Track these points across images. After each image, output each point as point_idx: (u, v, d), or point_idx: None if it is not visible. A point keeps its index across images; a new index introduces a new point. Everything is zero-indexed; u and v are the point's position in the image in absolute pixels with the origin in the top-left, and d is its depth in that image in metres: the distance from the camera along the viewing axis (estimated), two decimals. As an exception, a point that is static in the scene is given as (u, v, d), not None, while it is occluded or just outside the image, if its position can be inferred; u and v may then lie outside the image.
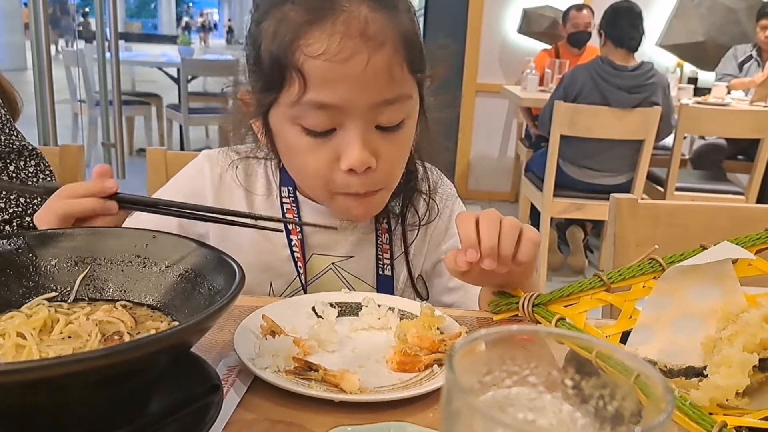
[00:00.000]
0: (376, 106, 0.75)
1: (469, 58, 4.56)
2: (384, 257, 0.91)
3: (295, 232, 0.90)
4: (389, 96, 0.75)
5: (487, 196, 4.73)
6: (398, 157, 0.81)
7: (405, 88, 0.77)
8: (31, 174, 1.03)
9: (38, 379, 0.41)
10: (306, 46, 0.72)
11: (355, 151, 0.75)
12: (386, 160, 0.78)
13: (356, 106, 0.74)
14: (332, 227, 0.85)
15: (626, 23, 2.92)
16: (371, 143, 0.76)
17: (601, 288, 0.74)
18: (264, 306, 0.78)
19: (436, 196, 0.96)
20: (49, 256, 0.65)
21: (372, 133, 0.76)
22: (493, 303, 0.80)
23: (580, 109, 2.86)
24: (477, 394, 0.36)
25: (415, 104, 0.81)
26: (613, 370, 0.34)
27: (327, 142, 0.77)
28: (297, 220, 0.89)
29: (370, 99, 0.74)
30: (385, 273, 0.91)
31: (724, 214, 1.17)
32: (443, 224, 0.96)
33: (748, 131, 3.11)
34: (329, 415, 0.59)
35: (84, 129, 4.70)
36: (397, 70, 0.74)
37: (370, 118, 0.75)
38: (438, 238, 0.96)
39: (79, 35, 5.17)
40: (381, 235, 0.91)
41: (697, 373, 0.60)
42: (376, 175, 0.78)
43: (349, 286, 0.92)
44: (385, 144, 0.77)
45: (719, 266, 0.68)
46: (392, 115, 0.76)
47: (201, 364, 0.60)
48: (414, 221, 0.94)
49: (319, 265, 0.91)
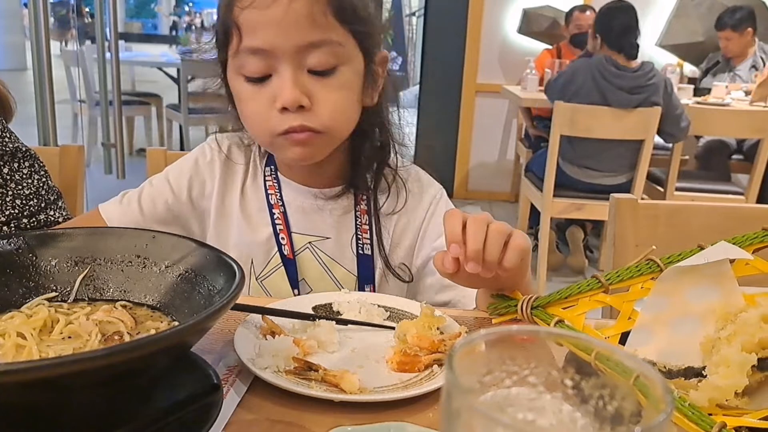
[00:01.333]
0: (303, 49, 0.81)
1: (469, 58, 4.56)
2: (363, 237, 0.95)
3: (277, 206, 0.95)
4: (312, 39, 0.80)
5: (487, 196, 4.73)
6: (334, 102, 0.84)
7: (330, 34, 0.82)
8: (26, 176, 1.02)
9: (38, 379, 0.41)
10: (240, 0, 0.81)
11: (286, 90, 0.81)
12: (321, 103, 0.83)
13: (283, 49, 0.80)
14: None
15: (622, 29, 2.89)
16: (303, 85, 0.82)
17: (600, 289, 0.74)
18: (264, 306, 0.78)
19: (408, 183, 0.99)
20: (49, 256, 0.65)
21: (304, 76, 0.82)
22: (492, 306, 0.80)
23: (580, 109, 2.86)
24: (477, 394, 0.36)
25: (348, 54, 0.85)
26: (613, 371, 0.35)
27: (264, 87, 0.83)
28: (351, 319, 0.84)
29: (294, 41, 0.80)
30: (365, 252, 0.95)
31: (724, 214, 1.17)
32: (427, 222, 0.98)
33: (748, 131, 3.11)
34: (329, 415, 0.59)
35: (84, 129, 4.69)
36: (320, 16, 0.80)
37: (299, 61, 0.81)
38: (423, 233, 0.98)
39: (85, 35, 5.16)
40: (360, 216, 0.96)
41: (696, 374, 0.60)
42: (311, 115, 0.83)
43: (324, 267, 0.95)
44: (317, 87, 0.83)
45: (717, 266, 0.68)
46: (321, 58, 0.82)
47: (201, 364, 0.60)
48: (389, 209, 0.97)
49: (296, 243, 0.95)
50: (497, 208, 4.53)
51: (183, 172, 0.98)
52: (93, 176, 3.42)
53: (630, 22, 2.94)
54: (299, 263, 0.95)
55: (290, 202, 0.96)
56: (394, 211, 0.97)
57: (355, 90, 0.87)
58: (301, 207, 0.96)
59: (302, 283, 0.95)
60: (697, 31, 4.55)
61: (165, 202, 0.96)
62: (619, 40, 2.90)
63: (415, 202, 0.99)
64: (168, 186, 0.97)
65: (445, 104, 4.69)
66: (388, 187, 0.97)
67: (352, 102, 0.87)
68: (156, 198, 0.96)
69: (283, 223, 0.95)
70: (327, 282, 0.95)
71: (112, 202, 0.97)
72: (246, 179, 0.98)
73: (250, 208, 0.97)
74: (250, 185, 0.98)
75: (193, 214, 0.98)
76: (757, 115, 3.07)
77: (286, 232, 0.95)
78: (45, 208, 1.02)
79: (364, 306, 0.80)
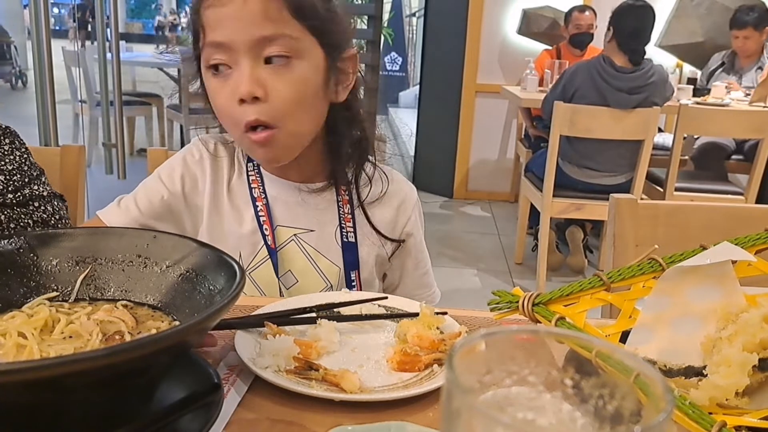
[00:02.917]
0: (258, 43, 0.84)
1: (469, 58, 4.56)
2: (347, 226, 0.99)
3: (260, 199, 0.98)
4: (266, 33, 0.84)
5: (486, 196, 4.73)
6: (288, 93, 0.86)
7: (285, 29, 0.85)
8: (7, 152, 1.02)
9: (39, 378, 0.41)
10: (205, 0, 0.87)
11: (241, 82, 0.85)
12: (275, 94, 0.86)
13: (240, 43, 0.84)
14: None
15: (632, 30, 2.86)
16: (259, 77, 0.85)
17: (601, 288, 0.74)
18: (264, 306, 0.78)
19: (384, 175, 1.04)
20: (50, 256, 0.65)
21: (261, 69, 0.86)
22: (493, 302, 0.80)
23: (580, 110, 2.86)
24: (477, 393, 0.36)
25: (304, 48, 0.87)
26: (613, 370, 0.35)
27: (227, 80, 0.87)
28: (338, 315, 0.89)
29: (249, 35, 0.84)
30: (349, 239, 0.99)
31: (724, 214, 1.17)
32: (403, 222, 1.03)
33: (748, 131, 3.11)
34: (329, 415, 0.59)
35: (85, 129, 4.70)
36: (274, 12, 0.85)
37: (257, 54, 0.85)
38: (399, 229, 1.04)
39: (87, 36, 5.18)
40: (342, 205, 1.00)
41: (697, 373, 0.61)
42: (266, 107, 0.86)
43: (309, 259, 0.98)
44: (273, 78, 0.86)
45: (719, 266, 0.68)
46: (275, 51, 0.85)
47: (201, 363, 0.60)
48: (372, 199, 1.01)
49: (281, 236, 0.98)
50: (497, 208, 4.53)
51: (174, 169, 1.01)
52: (94, 176, 3.42)
53: (642, 25, 2.89)
54: (285, 255, 0.98)
55: (274, 195, 0.99)
56: (375, 201, 1.02)
57: (312, 84, 0.89)
58: (284, 200, 0.99)
59: (288, 275, 0.98)
60: (697, 32, 4.54)
61: (161, 198, 0.98)
62: (627, 41, 2.87)
63: (392, 192, 1.04)
64: (161, 183, 1.00)
65: (445, 104, 4.69)
66: (369, 180, 1.01)
67: (309, 95, 0.89)
68: (152, 196, 0.99)
69: (266, 215, 0.98)
70: (312, 273, 0.98)
71: (110, 208, 1.00)
72: (232, 175, 1.01)
73: (237, 202, 1.00)
74: (236, 180, 1.01)
75: (186, 210, 1.00)
76: (756, 115, 3.06)
77: (269, 223, 0.97)
78: (29, 183, 1.02)
79: (364, 306, 0.80)
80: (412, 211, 1.05)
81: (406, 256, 1.05)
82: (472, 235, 4.03)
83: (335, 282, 0.98)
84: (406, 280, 1.07)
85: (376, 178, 1.03)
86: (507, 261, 3.60)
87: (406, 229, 1.04)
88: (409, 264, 1.06)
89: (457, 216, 4.46)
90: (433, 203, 4.57)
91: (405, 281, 1.07)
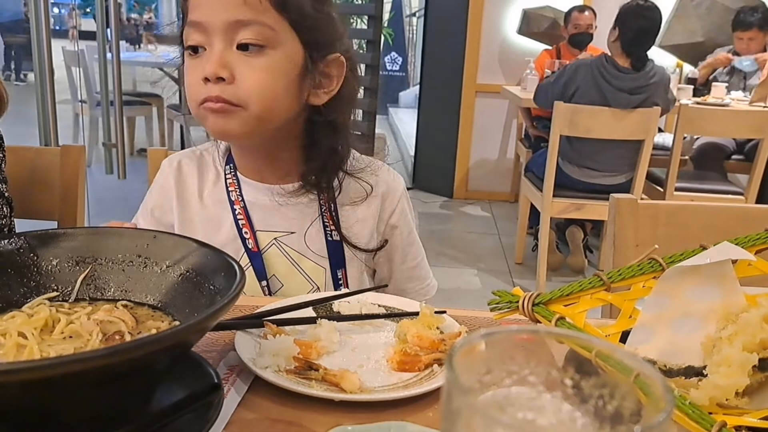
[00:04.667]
0: (232, 26, 0.85)
1: (469, 58, 4.56)
2: (330, 225, 0.99)
3: (238, 202, 0.98)
4: (242, 17, 0.85)
5: (486, 196, 4.73)
6: (255, 79, 0.86)
7: (262, 17, 0.86)
8: None
9: (39, 378, 0.41)
10: None
11: (209, 62, 0.86)
12: (241, 79, 0.86)
13: (214, 24, 0.85)
14: None
15: (636, 33, 2.83)
16: (228, 60, 0.86)
17: (601, 287, 0.74)
18: (264, 306, 0.78)
19: (368, 176, 1.03)
20: (50, 255, 0.65)
21: (231, 53, 0.86)
22: (493, 302, 0.80)
23: (580, 110, 2.86)
24: (477, 393, 0.36)
25: (280, 39, 0.88)
26: (613, 370, 0.35)
27: (199, 60, 0.88)
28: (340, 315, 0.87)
29: (224, 17, 0.85)
30: (334, 238, 0.98)
31: (724, 214, 1.17)
32: (387, 214, 1.03)
33: (748, 131, 3.11)
34: (329, 415, 0.59)
35: (85, 129, 4.70)
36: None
37: (230, 37, 0.86)
38: (383, 222, 1.03)
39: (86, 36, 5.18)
40: (323, 204, 0.99)
41: (697, 373, 0.61)
42: (230, 88, 0.86)
43: (292, 262, 0.97)
44: (242, 64, 0.86)
45: (719, 266, 0.68)
46: (248, 36, 0.86)
47: (201, 363, 0.60)
48: (354, 199, 1.01)
49: (262, 240, 0.98)
50: (497, 208, 4.53)
51: (156, 198, 1.03)
52: (94, 176, 3.43)
53: (648, 28, 2.86)
54: (267, 260, 0.97)
55: (251, 201, 0.98)
56: (359, 200, 1.01)
57: (283, 76, 0.88)
58: (261, 204, 0.98)
59: (272, 280, 0.97)
60: (697, 32, 4.54)
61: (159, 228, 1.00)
62: (631, 44, 2.86)
63: (376, 185, 1.03)
64: (153, 218, 1.02)
65: (445, 104, 4.69)
66: (340, 186, 1.00)
67: (278, 86, 0.88)
68: (144, 225, 1.01)
69: (245, 218, 0.97)
70: (296, 276, 0.97)
71: None
72: (204, 184, 1.02)
73: (214, 211, 1.00)
74: (211, 189, 1.01)
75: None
76: (756, 115, 3.06)
77: (248, 227, 0.97)
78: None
79: (365, 306, 0.80)
80: (398, 203, 1.03)
81: (393, 249, 1.04)
82: (472, 235, 4.03)
83: (321, 283, 0.98)
84: (396, 274, 1.05)
85: (359, 177, 1.01)
86: (507, 261, 3.60)
87: (391, 221, 1.03)
88: (397, 257, 1.04)
89: (457, 216, 4.46)
90: (433, 203, 4.57)
91: (395, 275, 1.05)
